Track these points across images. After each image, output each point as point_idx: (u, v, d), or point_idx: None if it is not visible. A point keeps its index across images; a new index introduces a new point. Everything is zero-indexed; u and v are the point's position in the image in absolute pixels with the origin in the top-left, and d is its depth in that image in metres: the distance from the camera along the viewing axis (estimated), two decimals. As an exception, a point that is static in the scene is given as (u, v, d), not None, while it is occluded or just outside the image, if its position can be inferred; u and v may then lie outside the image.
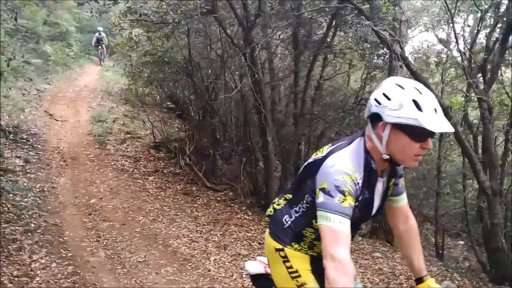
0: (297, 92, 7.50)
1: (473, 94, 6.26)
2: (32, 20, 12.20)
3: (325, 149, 1.65)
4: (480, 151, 6.73)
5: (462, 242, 9.45)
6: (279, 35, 8.01)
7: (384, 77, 9.44)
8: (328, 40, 7.51)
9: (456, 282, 6.03)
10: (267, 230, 1.92)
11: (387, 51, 7.31)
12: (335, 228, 1.45)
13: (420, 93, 1.46)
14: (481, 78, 6.83)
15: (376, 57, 8.51)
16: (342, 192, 1.46)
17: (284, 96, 8.97)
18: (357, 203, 1.54)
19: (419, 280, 1.77)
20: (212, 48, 7.86)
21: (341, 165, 1.50)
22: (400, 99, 1.45)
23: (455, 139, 6.46)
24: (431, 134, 1.47)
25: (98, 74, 15.73)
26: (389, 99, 1.47)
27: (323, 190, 1.49)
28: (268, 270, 2.10)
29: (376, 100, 1.51)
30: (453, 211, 9.28)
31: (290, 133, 7.99)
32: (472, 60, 6.88)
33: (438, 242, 8.23)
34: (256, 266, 2.21)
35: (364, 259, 6.46)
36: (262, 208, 7.71)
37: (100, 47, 17.84)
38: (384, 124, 1.49)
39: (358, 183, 1.52)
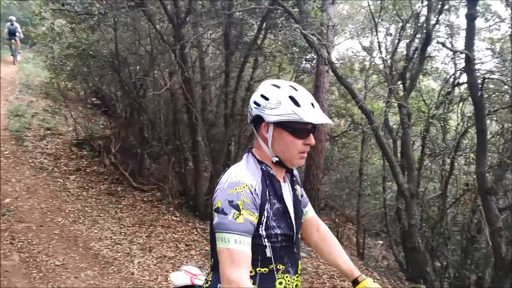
0: (227, 92, 7.49)
1: (393, 100, 6.65)
2: None
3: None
4: (399, 154, 7.15)
5: (381, 242, 9.96)
6: (210, 34, 7.97)
7: (311, 81, 9.77)
8: (259, 42, 7.59)
9: (375, 281, 6.39)
10: None
11: (315, 56, 7.59)
12: (231, 248, 1.36)
13: (296, 90, 1.51)
14: (401, 85, 7.29)
15: (304, 61, 8.76)
16: (236, 207, 1.39)
17: (215, 96, 8.94)
18: (267, 214, 1.47)
19: (355, 282, 1.68)
20: (140, 43, 7.62)
21: (233, 177, 1.44)
22: (277, 97, 1.48)
23: (376, 142, 6.82)
24: (312, 130, 1.51)
25: (16, 66, 14.61)
26: (267, 99, 1.49)
27: (217, 210, 1.42)
28: (195, 281, 2.03)
29: (255, 102, 1.52)
30: (373, 212, 9.76)
31: (220, 133, 7.97)
32: (393, 68, 7.34)
33: (359, 242, 8.62)
34: (182, 277, 2.13)
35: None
36: (190, 209, 7.61)
37: (13, 40, 15.30)
38: (266, 125, 1.50)
39: (255, 190, 1.44)
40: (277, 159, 1.53)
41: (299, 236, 1.67)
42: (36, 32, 9.38)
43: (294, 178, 1.70)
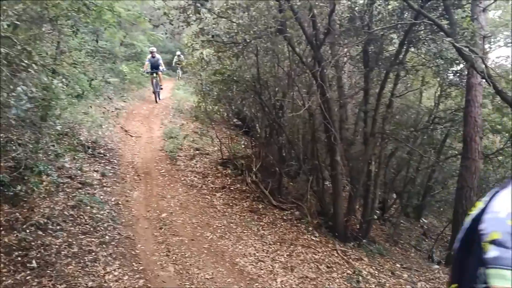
0: (367, 110, 7.27)
1: None
2: (110, 42, 13.09)
3: (482, 201, 1.40)
4: None
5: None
6: (348, 53, 7.87)
7: (460, 94, 8.93)
8: (401, 56, 7.24)
9: None
10: None
11: (464, 68, 6.92)
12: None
13: None
14: None
15: (452, 74, 8.07)
16: None
17: (354, 114, 8.75)
18: None
19: None
20: (280, 66, 7.88)
21: None
22: None
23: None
24: None
25: (169, 92, 16.40)
26: None
27: (493, 242, 1.24)
28: None
29: None
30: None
31: (359, 152, 7.75)
32: None
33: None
34: None
35: (441, 290, 6.05)
36: (329, 230, 7.50)
37: (155, 74, 14.07)
38: None
39: None
40: None
41: None
42: (188, 61, 10.40)
43: None
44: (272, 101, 8.41)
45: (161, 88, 14.99)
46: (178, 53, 17.71)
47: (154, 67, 14.07)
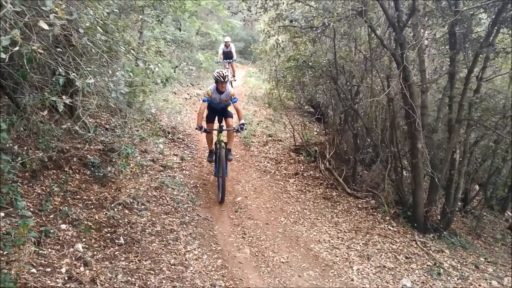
0: (453, 95, 6.83)
1: None
2: (187, 31, 13.51)
3: None
4: None
5: None
6: (432, 35, 7.42)
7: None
8: (491, 38, 6.69)
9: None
10: None
11: None
12: None
13: None
14: None
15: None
16: None
17: (437, 100, 8.28)
18: None
19: None
20: (359, 50, 7.64)
21: None
22: None
23: None
24: None
25: (242, 80, 16.62)
26: None
27: None
28: None
29: None
30: None
31: (442, 140, 7.33)
32: None
33: None
34: None
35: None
36: (408, 220, 7.22)
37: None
38: None
39: None
40: None
41: None
42: (262, 48, 10.42)
43: None
44: (348, 86, 8.20)
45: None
46: (228, 39, 14.44)
47: (227, 57, 14.03)
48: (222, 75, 6.50)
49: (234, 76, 14.39)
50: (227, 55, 13.95)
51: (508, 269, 6.27)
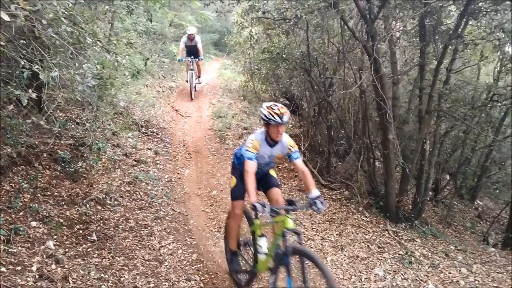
0: (423, 86, 6.97)
1: None
2: (159, 22, 13.27)
3: None
4: None
5: None
6: (403, 27, 7.54)
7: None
8: (460, 30, 6.84)
9: None
10: None
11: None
12: None
13: None
14: None
15: (515, 48, 7.54)
16: None
17: (408, 91, 8.43)
18: None
19: None
20: (331, 42, 7.68)
21: None
22: None
23: None
24: None
25: (217, 72, 16.51)
26: None
27: None
28: None
29: None
30: None
31: (412, 131, 7.48)
32: None
33: None
34: None
35: (498, 273, 5.82)
36: (380, 210, 7.36)
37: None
38: None
39: None
40: None
41: None
42: (236, 40, 10.35)
43: None
44: (321, 78, 8.25)
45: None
46: (192, 30, 11.64)
47: (192, 53, 11.42)
48: (277, 112, 3.75)
49: (199, 77, 12.27)
50: (191, 51, 11.44)
51: (477, 256, 6.47)
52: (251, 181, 3.75)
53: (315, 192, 3.86)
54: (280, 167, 8.68)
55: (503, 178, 10.51)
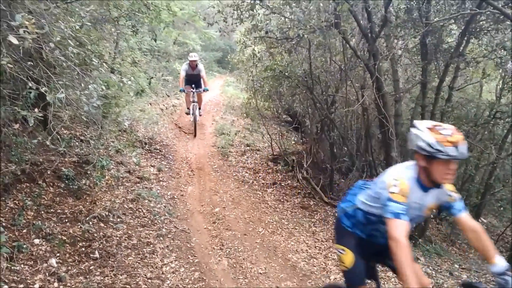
0: (425, 104, 7.01)
1: None
2: (164, 41, 13.48)
3: None
4: None
5: None
6: (405, 45, 7.63)
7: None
8: (461, 48, 6.92)
9: None
10: None
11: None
12: None
13: None
14: None
15: (516, 65, 7.62)
16: None
17: (410, 109, 8.48)
18: None
19: None
20: (333, 60, 7.77)
21: None
22: None
23: None
24: None
25: (220, 89, 16.64)
26: None
27: None
28: None
29: None
30: None
31: (415, 149, 7.47)
32: None
33: None
34: None
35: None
36: (384, 228, 7.32)
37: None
38: None
39: None
40: None
41: None
42: (239, 58, 10.47)
43: None
44: (324, 96, 8.31)
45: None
46: (193, 57, 10.33)
47: (193, 82, 10.13)
48: (451, 139, 2.46)
49: (200, 109, 10.68)
50: (193, 80, 10.11)
51: (481, 275, 6.41)
52: (406, 258, 2.30)
53: (499, 261, 2.55)
54: (283, 184, 8.69)
55: (507, 196, 10.45)
